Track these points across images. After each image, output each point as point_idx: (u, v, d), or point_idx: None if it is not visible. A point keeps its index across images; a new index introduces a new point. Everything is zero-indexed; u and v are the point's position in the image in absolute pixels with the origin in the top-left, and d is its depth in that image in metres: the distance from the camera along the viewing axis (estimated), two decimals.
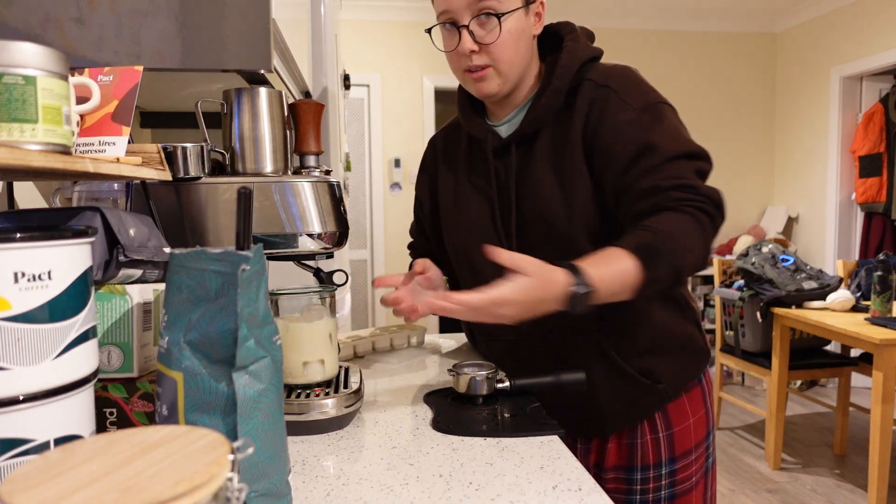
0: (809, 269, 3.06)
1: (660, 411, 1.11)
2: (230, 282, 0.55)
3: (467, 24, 0.99)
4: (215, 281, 0.55)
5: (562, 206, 1.01)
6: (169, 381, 0.56)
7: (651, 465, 1.11)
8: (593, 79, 1.01)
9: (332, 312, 0.98)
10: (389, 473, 0.75)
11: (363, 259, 4.54)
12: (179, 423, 0.56)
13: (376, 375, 1.18)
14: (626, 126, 0.96)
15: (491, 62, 1.00)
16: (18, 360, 0.49)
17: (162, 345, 0.58)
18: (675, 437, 1.12)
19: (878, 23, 3.94)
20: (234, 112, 0.90)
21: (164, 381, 0.57)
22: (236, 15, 0.88)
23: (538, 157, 1.04)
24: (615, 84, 1.00)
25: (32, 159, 0.53)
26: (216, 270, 0.55)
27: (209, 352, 0.56)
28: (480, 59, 1.00)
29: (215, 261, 0.55)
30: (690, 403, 1.13)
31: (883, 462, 2.45)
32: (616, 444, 1.13)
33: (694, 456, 1.14)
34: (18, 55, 0.56)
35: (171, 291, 0.58)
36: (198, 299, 0.56)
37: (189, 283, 0.56)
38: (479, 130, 1.10)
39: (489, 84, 1.02)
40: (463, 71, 1.04)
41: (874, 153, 4.08)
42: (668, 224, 0.90)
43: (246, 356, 0.55)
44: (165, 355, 0.57)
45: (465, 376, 0.97)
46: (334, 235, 0.90)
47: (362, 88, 4.41)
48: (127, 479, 0.35)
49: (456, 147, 1.19)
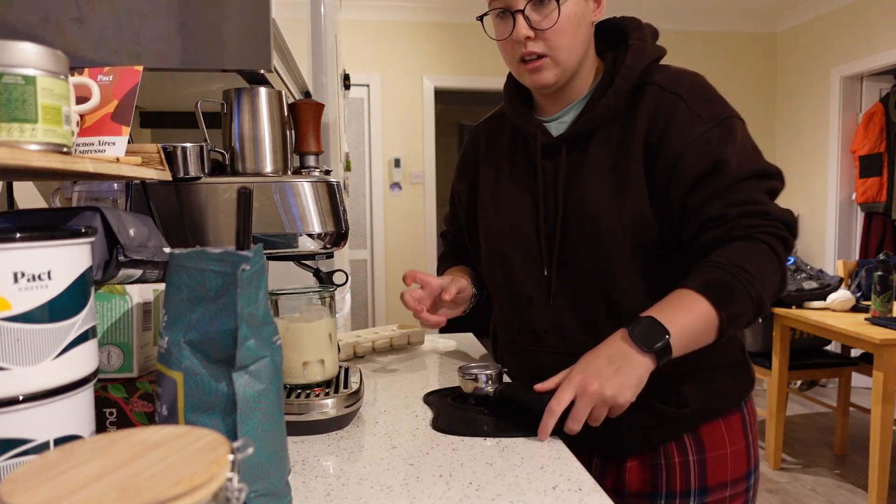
0: (809, 269, 3.06)
1: (690, 433, 1.00)
2: (230, 282, 0.54)
3: (522, 8, 0.92)
4: (215, 281, 0.55)
5: (612, 215, 0.94)
6: (169, 381, 0.57)
7: (678, 493, 0.99)
8: (660, 84, 0.95)
9: (332, 312, 0.98)
10: (389, 473, 0.75)
11: (363, 259, 4.54)
12: (179, 423, 0.56)
13: (376, 375, 1.18)
14: (696, 140, 0.91)
15: (547, 50, 0.94)
16: (18, 360, 0.49)
17: (162, 345, 0.58)
18: (709, 463, 0.99)
19: (878, 23, 3.94)
20: (234, 112, 0.90)
21: (163, 381, 0.57)
22: (236, 15, 0.88)
23: (591, 161, 0.97)
24: (685, 92, 0.94)
25: (32, 159, 0.53)
26: (216, 270, 0.55)
27: (209, 352, 0.56)
28: (536, 46, 0.94)
29: (215, 261, 0.55)
30: (728, 430, 1.01)
31: (883, 462, 2.45)
32: (638, 465, 1.01)
33: (729, 493, 1.01)
34: (18, 55, 0.56)
35: (171, 291, 0.58)
36: (198, 299, 0.56)
37: (189, 283, 0.56)
38: (528, 125, 1.03)
39: (546, 74, 0.95)
40: (517, 61, 0.97)
41: (874, 153, 4.08)
42: (739, 254, 0.86)
43: (246, 356, 0.55)
44: (165, 355, 0.57)
45: (472, 376, 0.96)
46: (334, 235, 0.90)
47: (362, 88, 4.41)
48: (127, 479, 0.35)
49: (500, 140, 1.11)
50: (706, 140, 0.91)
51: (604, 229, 0.94)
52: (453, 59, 4.48)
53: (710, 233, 0.89)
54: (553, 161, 1.00)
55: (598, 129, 0.97)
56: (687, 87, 0.95)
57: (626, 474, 1.02)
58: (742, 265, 0.85)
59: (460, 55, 4.49)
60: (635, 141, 0.94)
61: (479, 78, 4.51)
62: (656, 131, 0.93)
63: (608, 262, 0.95)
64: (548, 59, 0.95)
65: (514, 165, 1.06)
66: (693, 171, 0.90)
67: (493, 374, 0.96)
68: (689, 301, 0.85)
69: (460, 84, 4.51)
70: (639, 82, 0.96)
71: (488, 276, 1.12)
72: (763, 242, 0.87)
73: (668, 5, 4.45)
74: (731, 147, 0.91)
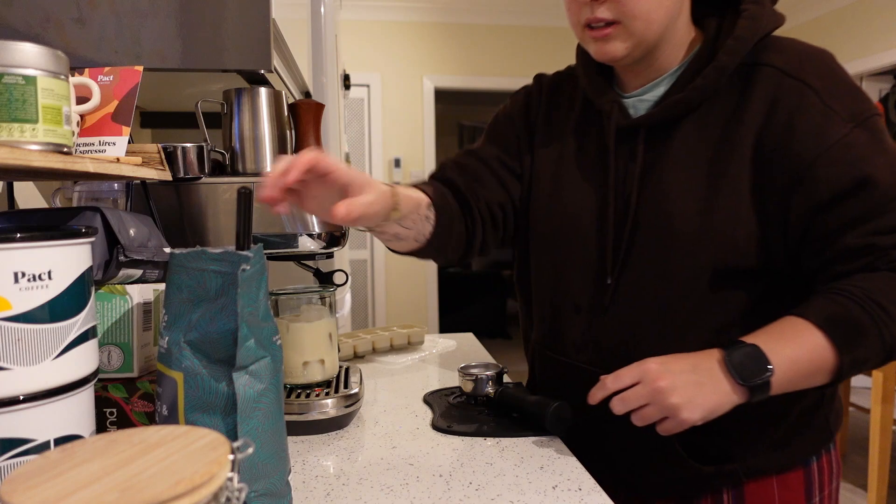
0: None
1: (731, 488, 0.82)
2: (230, 282, 0.55)
3: None
4: (215, 281, 0.55)
5: (695, 224, 0.76)
6: (169, 381, 0.57)
7: None
8: (780, 66, 0.74)
9: (332, 312, 0.99)
10: (389, 473, 0.75)
11: (363, 259, 4.54)
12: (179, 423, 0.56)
13: (376, 375, 1.18)
14: (834, 145, 0.71)
15: (619, 16, 0.75)
16: (18, 360, 0.49)
17: (162, 345, 0.58)
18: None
19: (878, 23, 3.94)
20: (234, 112, 0.90)
21: (164, 380, 0.58)
22: (236, 15, 0.88)
23: (676, 153, 0.78)
24: (815, 80, 0.73)
25: (32, 159, 0.53)
26: (216, 270, 0.55)
27: (209, 352, 0.56)
28: (605, 11, 0.75)
29: (215, 261, 0.55)
30: (784, 489, 0.81)
31: (883, 462, 2.45)
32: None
33: None
34: (18, 55, 0.56)
35: (171, 291, 0.58)
36: (198, 299, 0.56)
37: (189, 283, 0.56)
38: (603, 100, 0.84)
39: (614, 46, 0.77)
40: (582, 26, 0.79)
41: None
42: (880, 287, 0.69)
43: (246, 356, 0.55)
44: (165, 355, 0.57)
45: (472, 376, 0.96)
46: (334, 235, 0.90)
47: (362, 88, 4.41)
48: (127, 479, 0.35)
49: (566, 106, 0.91)
50: (847, 146, 0.71)
51: (681, 240, 0.76)
52: (453, 59, 4.48)
53: (852, 264, 0.72)
54: (629, 147, 0.82)
55: (690, 115, 0.78)
56: (819, 73, 0.73)
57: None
58: (880, 301, 0.69)
59: (460, 55, 4.49)
60: (742, 136, 0.75)
61: (479, 78, 4.51)
62: (776, 129, 0.73)
63: (679, 273, 0.77)
64: (620, 26, 0.76)
65: (583, 145, 0.88)
66: (831, 187, 0.71)
67: (493, 374, 0.96)
68: (804, 335, 0.69)
69: (460, 84, 4.51)
70: (750, 60, 0.76)
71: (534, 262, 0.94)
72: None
73: None
74: (881, 157, 0.71)
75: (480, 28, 4.50)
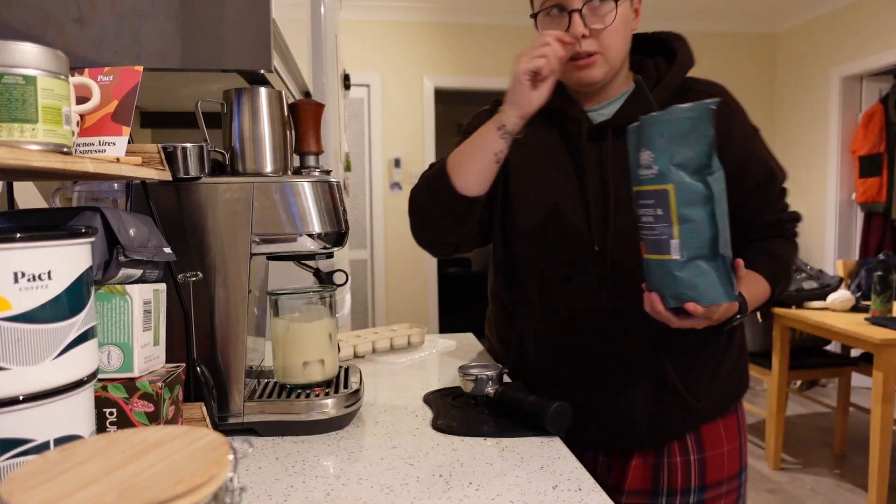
0: (809, 269, 3.06)
1: (693, 432, 1.06)
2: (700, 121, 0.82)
3: (580, 7, 0.96)
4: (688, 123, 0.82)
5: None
6: (662, 193, 0.83)
7: (679, 492, 1.05)
8: (706, 91, 1.05)
9: (332, 312, 0.98)
10: (389, 473, 0.75)
11: (363, 259, 4.54)
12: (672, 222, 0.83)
13: (376, 375, 1.18)
14: (754, 147, 1.04)
15: (600, 48, 0.98)
16: (18, 360, 0.49)
17: (651, 170, 0.84)
18: (708, 462, 1.06)
19: (878, 23, 3.94)
20: (234, 112, 0.90)
21: (656, 194, 0.84)
22: (236, 15, 0.88)
23: None
24: (733, 102, 1.06)
25: (32, 159, 0.53)
26: (689, 116, 0.82)
27: (689, 168, 0.82)
28: (590, 44, 0.98)
29: (688, 110, 0.82)
30: (726, 430, 1.08)
31: (883, 462, 2.45)
32: (641, 463, 1.06)
33: (725, 489, 1.07)
34: (18, 55, 0.56)
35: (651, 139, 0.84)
36: (675, 136, 0.82)
37: (667, 129, 0.82)
38: (571, 110, 1.05)
39: (595, 71, 1.00)
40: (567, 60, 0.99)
41: (874, 153, 4.08)
42: (783, 251, 1.05)
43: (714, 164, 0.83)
44: (657, 176, 0.83)
45: (472, 376, 0.96)
46: (334, 235, 0.90)
47: (362, 88, 4.41)
48: (127, 479, 0.35)
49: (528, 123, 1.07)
50: (758, 148, 1.05)
51: None
52: (453, 59, 4.48)
53: (765, 232, 1.06)
54: (598, 144, 1.04)
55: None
56: (732, 98, 1.06)
57: (629, 472, 1.06)
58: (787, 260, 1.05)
59: (460, 55, 4.49)
60: None
61: (479, 78, 4.51)
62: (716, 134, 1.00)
63: None
64: (600, 56, 0.99)
65: (551, 149, 1.07)
66: (757, 176, 1.03)
67: (493, 374, 0.96)
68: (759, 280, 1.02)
69: (460, 84, 4.51)
70: (684, 86, 1.04)
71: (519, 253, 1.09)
72: (794, 242, 1.08)
73: (668, 5, 4.45)
74: (772, 157, 1.06)
75: (480, 28, 4.50)
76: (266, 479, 0.74)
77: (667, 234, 0.84)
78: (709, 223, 0.83)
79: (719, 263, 0.85)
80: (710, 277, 0.85)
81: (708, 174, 0.83)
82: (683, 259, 0.84)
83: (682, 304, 0.86)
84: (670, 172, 0.83)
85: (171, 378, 0.75)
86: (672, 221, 0.83)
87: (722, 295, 0.85)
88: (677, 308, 0.87)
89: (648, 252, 0.87)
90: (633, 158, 0.88)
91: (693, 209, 0.83)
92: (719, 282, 0.85)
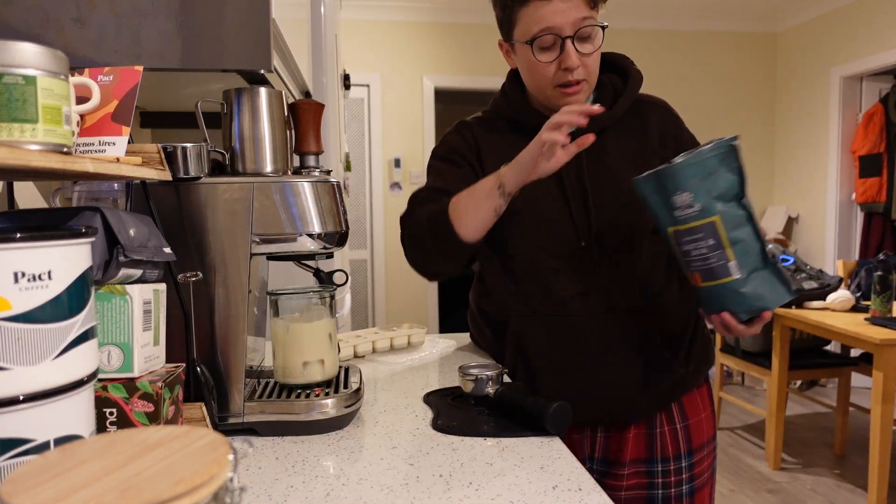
0: (809, 269, 3.06)
1: (676, 402, 1.17)
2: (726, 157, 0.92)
3: (572, 35, 1.02)
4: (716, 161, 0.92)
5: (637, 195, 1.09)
6: (709, 225, 0.93)
7: (671, 458, 1.16)
8: (658, 103, 1.19)
9: (332, 312, 0.98)
10: (389, 473, 0.75)
11: (363, 259, 4.54)
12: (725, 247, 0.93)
13: (376, 375, 1.18)
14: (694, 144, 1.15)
15: (587, 75, 1.06)
16: (18, 360, 0.49)
17: (692, 209, 0.93)
18: (692, 428, 1.18)
19: (878, 23, 3.94)
20: (234, 112, 0.90)
21: (704, 228, 0.93)
22: (236, 15, 0.88)
23: (610, 151, 1.12)
24: (675, 112, 1.20)
25: (32, 159, 0.53)
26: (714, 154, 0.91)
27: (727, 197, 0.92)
28: (580, 73, 1.04)
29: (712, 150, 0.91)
30: (701, 399, 1.20)
31: (883, 462, 2.45)
32: (636, 434, 1.16)
33: (706, 451, 1.20)
34: (18, 55, 0.56)
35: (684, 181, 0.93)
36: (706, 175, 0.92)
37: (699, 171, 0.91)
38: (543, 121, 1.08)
39: (581, 97, 1.07)
40: (555, 86, 1.07)
41: (874, 153, 4.08)
42: None
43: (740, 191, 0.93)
44: (701, 212, 0.92)
45: (472, 376, 0.96)
46: (334, 235, 0.90)
47: (362, 88, 4.41)
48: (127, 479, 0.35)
49: (497, 137, 1.18)
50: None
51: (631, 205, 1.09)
52: (453, 59, 4.48)
53: None
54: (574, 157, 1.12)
55: (609, 129, 1.13)
56: (672, 109, 1.21)
57: (627, 444, 1.16)
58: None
59: (460, 55, 4.49)
60: (650, 136, 1.14)
61: (479, 78, 4.51)
62: (669, 139, 1.15)
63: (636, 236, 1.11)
64: (585, 82, 1.06)
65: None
66: None
67: (493, 374, 0.96)
68: None
69: (460, 84, 4.51)
70: (639, 98, 1.16)
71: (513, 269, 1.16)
72: None
73: (668, 5, 4.45)
74: None
75: (480, 28, 4.50)
76: (266, 479, 0.74)
77: (723, 259, 0.94)
78: (755, 238, 0.94)
79: (771, 268, 0.94)
80: (771, 282, 0.94)
81: (742, 198, 0.93)
82: (744, 276, 0.94)
83: (755, 314, 0.95)
84: (713, 206, 0.92)
85: (171, 378, 0.75)
86: (725, 246, 0.93)
87: (785, 293, 0.95)
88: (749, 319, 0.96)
89: (705, 280, 0.96)
90: (661, 203, 0.96)
91: (740, 231, 0.93)
92: (780, 283, 0.95)
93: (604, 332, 1.11)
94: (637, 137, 1.14)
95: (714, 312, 0.98)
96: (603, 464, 1.19)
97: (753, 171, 4.84)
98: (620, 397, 1.12)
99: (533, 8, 1.03)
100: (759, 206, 4.89)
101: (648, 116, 1.16)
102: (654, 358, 1.12)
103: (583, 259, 1.11)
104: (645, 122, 1.15)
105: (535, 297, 1.14)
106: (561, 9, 1.01)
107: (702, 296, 0.99)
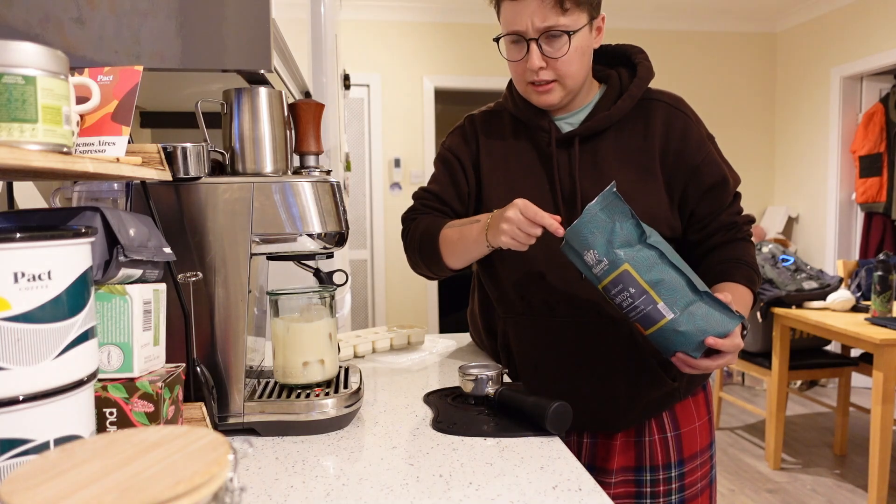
0: (809, 269, 3.06)
1: (668, 411, 1.15)
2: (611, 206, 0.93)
3: (536, 38, 1.03)
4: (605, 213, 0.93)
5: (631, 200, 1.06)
6: (623, 274, 0.92)
7: (660, 467, 1.14)
8: (666, 101, 1.13)
9: (332, 312, 0.98)
10: (389, 473, 0.75)
11: (363, 259, 4.54)
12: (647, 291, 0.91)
13: (376, 375, 1.18)
14: (707, 154, 1.11)
15: (557, 77, 1.06)
16: (18, 360, 0.49)
17: (602, 264, 0.93)
18: (683, 438, 1.15)
19: (878, 23, 3.94)
20: (234, 112, 0.90)
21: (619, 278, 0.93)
22: (236, 15, 0.88)
23: (607, 153, 1.11)
24: (688, 112, 1.14)
25: (32, 159, 0.53)
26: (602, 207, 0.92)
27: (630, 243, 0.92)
28: (547, 74, 1.05)
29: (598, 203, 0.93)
30: (696, 407, 1.18)
31: (883, 462, 2.45)
32: (624, 442, 1.15)
33: (699, 461, 1.17)
34: (18, 55, 0.56)
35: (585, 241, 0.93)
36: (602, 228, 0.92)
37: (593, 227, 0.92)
38: (541, 120, 1.13)
39: (552, 97, 1.08)
40: (526, 83, 1.09)
41: (874, 153, 4.08)
42: (749, 255, 1.12)
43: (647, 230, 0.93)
44: (611, 264, 0.92)
45: (472, 376, 0.96)
46: (334, 235, 0.90)
47: (362, 88, 4.41)
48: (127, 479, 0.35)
49: (499, 133, 1.19)
50: (711, 154, 1.12)
51: None
52: (453, 59, 4.48)
53: (723, 235, 1.13)
54: (566, 152, 1.12)
55: (609, 130, 1.11)
56: (687, 108, 1.14)
57: (615, 451, 1.15)
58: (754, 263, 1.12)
59: (460, 55, 4.49)
60: (650, 141, 1.11)
61: (479, 78, 4.51)
62: (674, 142, 1.11)
63: None
64: (556, 83, 1.07)
65: (521, 156, 1.15)
66: (710, 180, 1.10)
67: (494, 374, 0.96)
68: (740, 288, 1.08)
69: (460, 84, 4.51)
70: (646, 96, 1.13)
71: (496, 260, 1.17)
72: (751, 243, 1.16)
73: (668, 5, 4.45)
74: (724, 163, 1.14)
75: (480, 28, 4.50)
76: (266, 479, 0.74)
77: (651, 303, 0.92)
78: (676, 273, 0.92)
79: (706, 299, 0.92)
80: (708, 313, 0.92)
81: (646, 239, 0.93)
82: (678, 314, 0.92)
83: (704, 348, 0.93)
84: (618, 255, 0.92)
85: (171, 378, 0.75)
86: (647, 290, 0.92)
87: (727, 321, 0.92)
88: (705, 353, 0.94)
89: (647, 328, 0.95)
90: (581, 263, 0.97)
91: (655, 271, 0.92)
92: (718, 312, 0.92)
93: (589, 338, 1.09)
94: (639, 138, 1.12)
95: (670, 356, 0.96)
96: (590, 470, 1.17)
97: (753, 171, 4.85)
98: (605, 405, 1.11)
99: (505, 7, 1.05)
100: (760, 206, 4.89)
101: (654, 116, 1.12)
102: (643, 368, 1.10)
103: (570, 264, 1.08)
104: (649, 122, 1.12)
105: (521, 300, 1.14)
106: (528, 11, 1.01)
107: (653, 343, 0.97)
